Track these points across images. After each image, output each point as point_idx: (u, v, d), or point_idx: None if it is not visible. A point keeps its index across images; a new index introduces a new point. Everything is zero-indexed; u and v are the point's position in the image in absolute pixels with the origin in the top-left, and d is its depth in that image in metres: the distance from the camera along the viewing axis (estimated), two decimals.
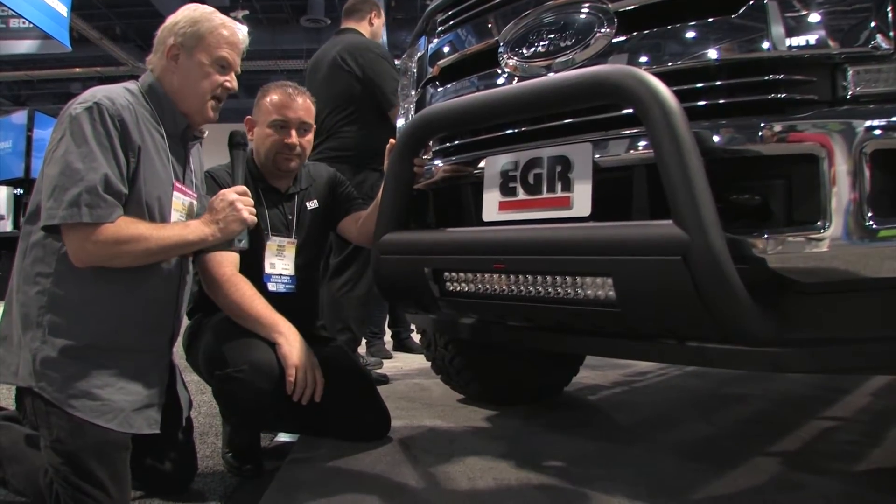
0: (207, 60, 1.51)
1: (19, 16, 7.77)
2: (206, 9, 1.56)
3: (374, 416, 2.00)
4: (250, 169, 1.91)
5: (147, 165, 1.43)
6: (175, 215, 1.50)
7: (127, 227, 1.36)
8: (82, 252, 1.34)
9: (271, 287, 1.89)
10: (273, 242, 1.91)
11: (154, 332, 1.49)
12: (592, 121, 1.36)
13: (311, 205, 2.03)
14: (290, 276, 1.93)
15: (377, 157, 2.82)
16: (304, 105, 1.92)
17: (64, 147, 1.33)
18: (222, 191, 1.55)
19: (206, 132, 1.64)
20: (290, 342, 1.68)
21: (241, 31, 1.59)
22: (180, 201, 1.52)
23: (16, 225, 7.44)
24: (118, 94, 1.42)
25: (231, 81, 1.56)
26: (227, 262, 1.71)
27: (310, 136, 1.96)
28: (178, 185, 1.52)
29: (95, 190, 1.32)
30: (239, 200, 1.52)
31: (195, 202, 1.59)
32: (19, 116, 7.98)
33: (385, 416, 2.01)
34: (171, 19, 1.55)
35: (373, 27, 3.05)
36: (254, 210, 1.55)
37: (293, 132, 1.89)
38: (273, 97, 1.90)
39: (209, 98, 1.53)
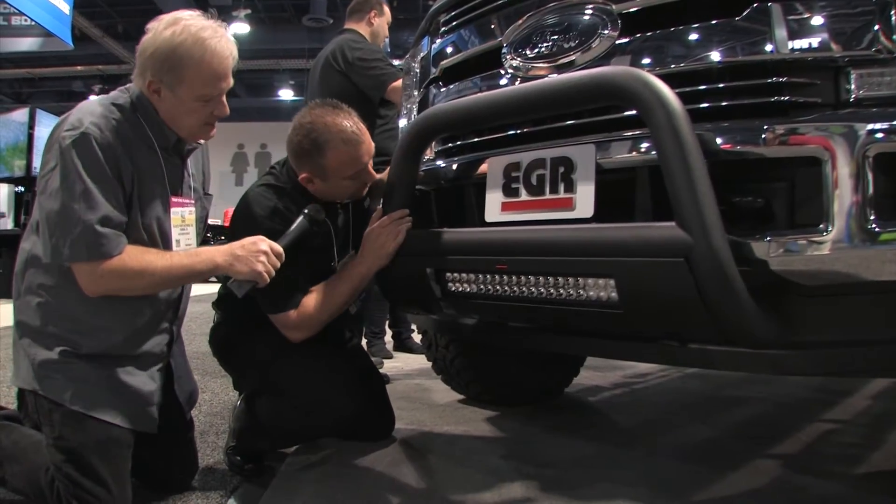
0: (191, 97, 1.40)
1: (21, 13, 7.79)
2: (192, 26, 1.37)
3: (381, 415, 2.00)
4: (308, 197, 1.75)
5: (143, 188, 1.40)
6: (175, 231, 1.48)
7: (134, 258, 1.35)
8: (92, 285, 1.35)
9: None
10: (339, 263, 1.84)
11: (155, 337, 1.49)
12: (595, 122, 1.36)
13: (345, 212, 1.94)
14: None
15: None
16: (370, 146, 1.77)
17: (58, 181, 1.31)
18: (261, 238, 1.48)
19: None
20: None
21: (230, 47, 1.42)
22: (179, 215, 1.50)
23: (16, 223, 7.44)
24: (105, 115, 1.36)
25: (219, 108, 1.45)
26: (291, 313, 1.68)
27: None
28: (174, 199, 1.48)
29: (95, 230, 1.30)
30: (267, 256, 1.45)
31: (193, 209, 1.55)
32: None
33: (390, 416, 2.01)
34: (150, 38, 1.37)
35: (372, 27, 3.04)
36: (272, 272, 1.46)
37: (365, 172, 1.79)
38: (342, 152, 1.69)
39: (200, 125, 1.46)
